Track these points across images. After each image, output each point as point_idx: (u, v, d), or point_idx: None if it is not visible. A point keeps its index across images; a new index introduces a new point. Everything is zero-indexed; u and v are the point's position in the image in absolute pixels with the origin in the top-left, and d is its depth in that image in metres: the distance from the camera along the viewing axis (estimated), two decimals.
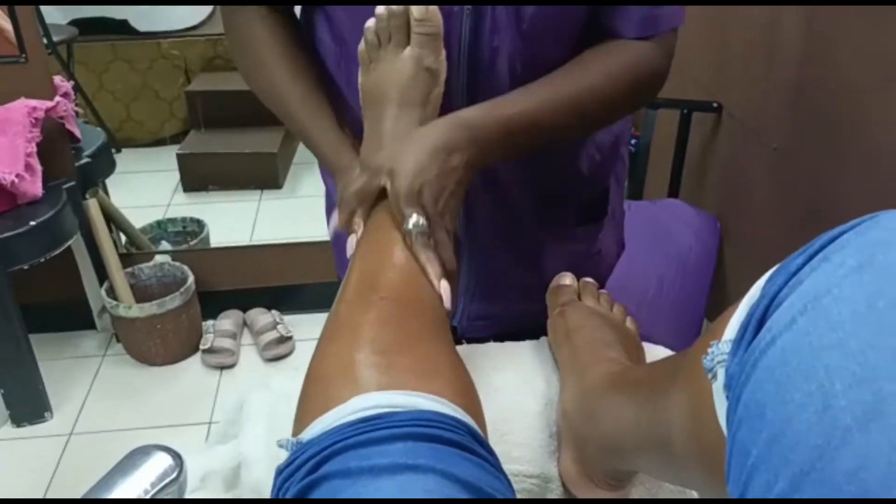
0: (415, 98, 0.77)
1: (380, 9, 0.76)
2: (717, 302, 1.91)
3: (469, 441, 0.53)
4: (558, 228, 1.00)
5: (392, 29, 0.76)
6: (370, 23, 0.78)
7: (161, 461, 0.60)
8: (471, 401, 0.60)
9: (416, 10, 0.74)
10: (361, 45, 0.80)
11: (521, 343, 0.87)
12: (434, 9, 0.75)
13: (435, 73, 0.77)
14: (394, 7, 0.75)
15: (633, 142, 2.44)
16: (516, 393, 0.77)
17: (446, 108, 0.80)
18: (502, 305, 1.03)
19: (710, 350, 0.41)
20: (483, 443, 0.55)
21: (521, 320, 0.97)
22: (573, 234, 1.02)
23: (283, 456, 0.71)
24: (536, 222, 0.98)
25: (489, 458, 0.54)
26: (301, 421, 0.57)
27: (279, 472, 0.54)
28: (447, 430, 0.52)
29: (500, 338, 0.88)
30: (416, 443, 0.50)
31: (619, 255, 1.14)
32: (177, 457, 0.60)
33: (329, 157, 0.84)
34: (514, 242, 0.98)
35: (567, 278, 0.90)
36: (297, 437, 0.55)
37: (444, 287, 0.68)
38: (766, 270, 0.40)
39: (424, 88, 0.77)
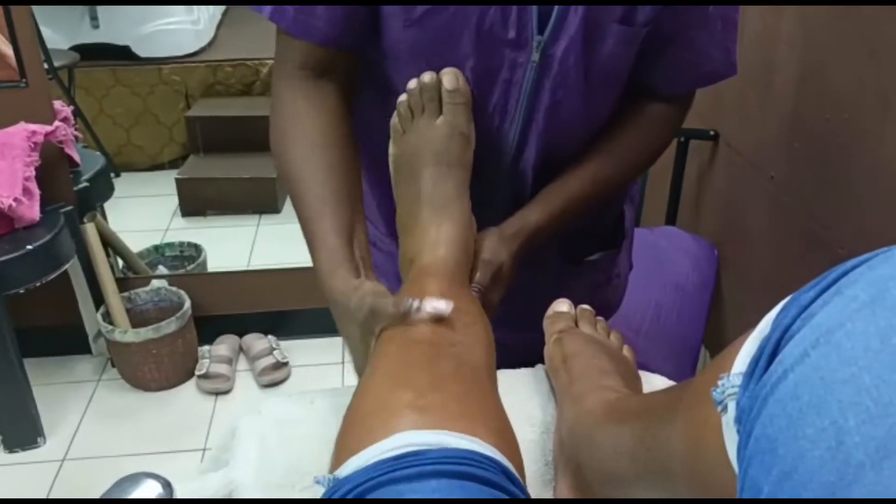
0: (451, 160, 0.80)
1: (412, 82, 0.80)
2: (715, 329, 1.90)
3: (500, 479, 0.54)
4: (579, 259, 1.03)
5: (425, 100, 0.80)
6: (403, 97, 0.81)
7: (150, 489, 0.59)
8: (505, 441, 0.60)
9: (447, 83, 0.78)
10: (394, 118, 0.83)
11: (518, 371, 0.87)
12: (463, 79, 0.79)
13: (467, 138, 0.81)
14: (425, 79, 0.79)
15: None
16: (512, 420, 0.76)
17: (496, 155, 0.87)
18: (528, 335, 1.04)
19: (720, 382, 0.40)
20: (515, 481, 0.56)
21: (539, 349, 0.97)
22: (593, 263, 1.05)
23: (274, 483, 0.71)
24: (558, 255, 1.00)
25: (519, 496, 0.55)
26: (338, 458, 0.58)
27: None
28: (477, 468, 0.53)
29: (517, 365, 0.89)
30: (448, 480, 0.51)
31: (629, 273, 1.17)
32: (167, 485, 0.59)
33: (327, 267, 0.75)
34: (536, 280, 0.99)
35: (564, 305, 0.90)
36: (334, 474, 0.55)
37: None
38: (764, 298, 0.40)
39: (459, 151, 0.80)
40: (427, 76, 0.79)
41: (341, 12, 0.79)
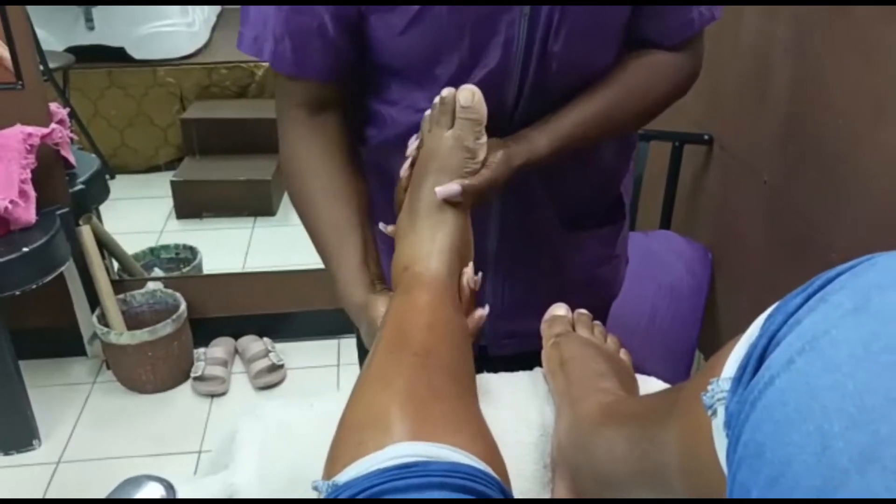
0: (450, 169, 0.82)
1: (436, 98, 0.83)
2: (709, 333, 1.91)
3: (499, 495, 0.54)
4: (581, 231, 1.06)
5: (440, 113, 0.83)
6: (427, 111, 0.85)
7: (153, 492, 0.59)
8: (494, 458, 0.61)
9: (462, 98, 0.81)
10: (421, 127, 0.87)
11: (516, 374, 0.87)
12: (479, 98, 0.82)
13: (473, 152, 0.83)
14: (444, 93, 0.82)
15: None
16: (510, 423, 0.77)
17: (497, 111, 0.88)
18: (529, 322, 1.06)
19: (709, 387, 0.41)
20: (510, 498, 0.57)
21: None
22: (595, 235, 1.08)
23: (275, 487, 0.71)
24: (560, 228, 1.03)
25: None
26: (333, 465, 0.58)
27: None
28: (479, 484, 0.53)
29: (527, 355, 0.90)
30: (451, 492, 0.51)
31: (626, 265, 1.20)
32: (169, 487, 0.60)
33: (345, 288, 0.86)
34: (540, 252, 1.04)
35: (561, 309, 0.90)
36: (333, 480, 0.55)
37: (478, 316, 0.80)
38: (758, 302, 0.40)
39: (460, 162, 0.82)
40: (446, 91, 0.82)
41: (333, 49, 0.88)
